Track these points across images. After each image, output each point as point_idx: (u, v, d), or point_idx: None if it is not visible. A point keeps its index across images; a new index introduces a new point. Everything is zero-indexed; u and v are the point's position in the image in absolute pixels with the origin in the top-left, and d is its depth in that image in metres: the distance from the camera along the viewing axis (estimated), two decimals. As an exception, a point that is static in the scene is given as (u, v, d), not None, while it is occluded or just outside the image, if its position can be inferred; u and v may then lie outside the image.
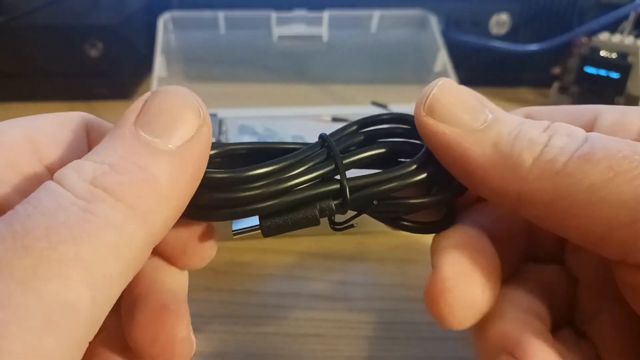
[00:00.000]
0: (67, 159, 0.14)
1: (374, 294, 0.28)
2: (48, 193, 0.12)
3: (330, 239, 0.32)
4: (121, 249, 0.11)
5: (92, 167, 0.12)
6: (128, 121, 0.13)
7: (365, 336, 0.25)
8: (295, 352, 0.24)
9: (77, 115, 0.16)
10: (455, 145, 0.15)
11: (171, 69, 0.45)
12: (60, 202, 0.11)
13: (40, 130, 0.14)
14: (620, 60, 0.44)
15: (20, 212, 0.11)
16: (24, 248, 0.10)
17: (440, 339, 0.25)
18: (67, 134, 0.15)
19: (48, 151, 0.14)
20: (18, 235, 0.10)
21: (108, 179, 0.12)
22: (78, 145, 0.15)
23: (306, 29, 0.49)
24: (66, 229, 0.11)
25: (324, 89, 0.51)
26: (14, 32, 0.48)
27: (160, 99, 0.13)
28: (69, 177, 0.12)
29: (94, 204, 0.11)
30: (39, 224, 0.11)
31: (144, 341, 0.14)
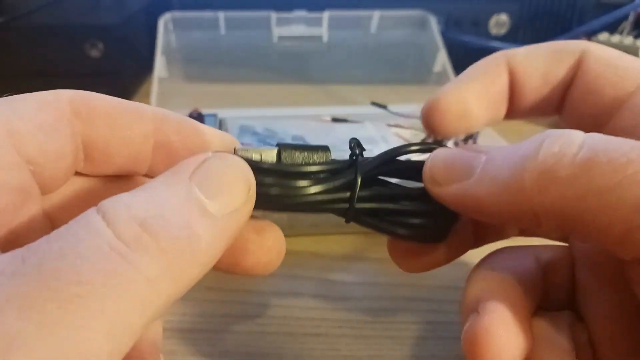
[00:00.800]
0: (46, 147, 0.14)
1: (374, 293, 0.28)
2: (88, 231, 0.11)
3: (330, 239, 0.32)
4: (148, 306, 0.11)
5: (144, 207, 0.11)
6: (184, 173, 0.13)
7: (365, 335, 0.25)
8: (296, 352, 0.24)
9: (58, 96, 0.14)
10: (464, 198, 0.15)
11: (172, 69, 0.45)
12: (100, 245, 0.10)
13: (19, 117, 0.13)
14: (619, 60, 0.44)
15: (54, 249, 0.10)
16: (53, 291, 0.10)
17: (440, 339, 0.25)
18: (46, 119, 0.14)
19: (26, 140, 0.13)
20: (48, 276, 0.10)
21: (157, 225, 0.11)
22: (59, 129, 0.14)
23: (306, 29, 0.49)
24: (100, 278, 0.10)
25: (324, 89, 0.51)
26: (14, 32, 0.48)
27: (220, 164, 0.13)
28: (117, 213, 0.11)
29: (136, 252, 0.11)
30: (72, 268, 0.10)
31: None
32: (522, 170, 0.13)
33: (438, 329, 0.26)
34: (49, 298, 0.10)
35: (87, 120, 0.14)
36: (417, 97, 0.45)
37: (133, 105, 0.15)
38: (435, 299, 0.28)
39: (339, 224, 0.32)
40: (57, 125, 0.14)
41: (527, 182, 0.13)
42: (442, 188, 0.16)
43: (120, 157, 0.15)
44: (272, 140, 0.36)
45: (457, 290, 0.28)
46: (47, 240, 0.11)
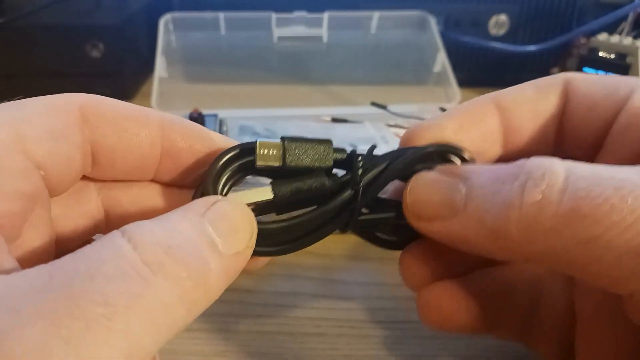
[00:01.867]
0: (55, 152, 0.14)
1: (373, 293, 0.28)
2: (113, 253, 0.11)
3: (330, 239, 0.32)
4: (162, 331, 0.11)
5: (166, 235, 0.12)
6: (198, 211, 0.13)
7: (365, 335, 0.25)
8: (296, 351, 0.24)
9: (70, 98, 0.15)
10: (451, 236, 0.15)
11: (172, 70, 0.46)
12: (125, 268, 0.11)
13: (28, 122, 0.13)
14: (619, 60, 0.44)
15: (81, 270, 0.11)
16: (81, 310, 0.10)
17: (439, 338, 0.25)
18: (55, 124, 0.14)
19: (36, 145, 0.13)
20: (77, 295, 0.10)
21: (179, 253, 0.12)
22: (68, 134, 0.14)
23: (306, 30, 0.49)
24: (124, 300, 0.11)
25: (324, 89, 0.51)
26: (15, 33, 0.48)
27: (230, 208, 0.14)
28: (143, 238, 0.12)
29: (158, 277, 0.11)
30: (99, 289, 0.10)
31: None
32: (507, 221, 0.13)
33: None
34: (77, 316, 0.10)
35: (96, 125, 0.15)
36: (416, 98, 0.45)
37: (141, 111, 0.15)
38: (435, 299, 0.28)
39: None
40: (67, 130, 0.14)
41: (514, 234, 0.13)
42: (426, 224, 0.16)
43: (127, 163, 0.15)
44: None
45: (457, 290, 0.28)
46: (72, 259, 0.11)
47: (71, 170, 0.14)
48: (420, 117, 0.40)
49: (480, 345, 0.25)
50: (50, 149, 0.14)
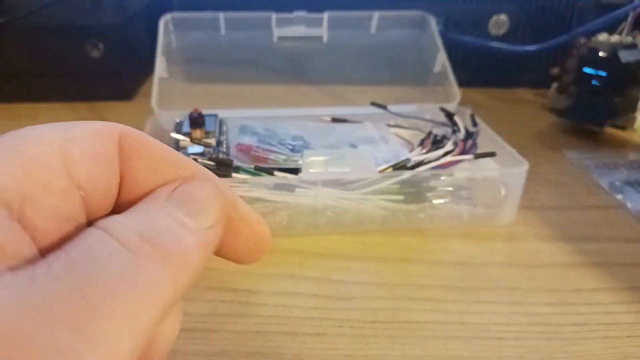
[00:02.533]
0: (97, 176, 0.14)
1: (373, 293, 0.28)
2: (98, 240, 0.12)
3: (330, 239, 0.32)
4: (155, 309, 0.11)
5: (137, 223, 0.12)
6: (162, 196, 0.14)
7: (365, 335, 0.25)
8: (296, 351, 0.24)
9: (113, 127, 0.15)
10: None
11: (172, 70, 0.46)
12: (111, 252, 0.11)
13: (74, 143, 0.13)
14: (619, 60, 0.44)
15: (76, 259, 0.11)
16: (86, 298, 0.10)
17: (439, 338, 0.25)
18: (100, 148, 0.14)
19: (79, 167, 0.13)
20: (79, 284, 0.10)
21: (153, 237, 0.12)
22: (110, 161, 0.14)
23: (306, 30, 0.49)
24: (121, 284, 0.11)
25: (324, 89, 0.51)
26: (15, 33, 0.48)
27: (192, 188, 0.14)
28: (117, 228, 0.12)
29: (142, 259, 0.12)
30: (99, 274, 0.11)
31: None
32: None
33: (437, 328, 0.26)
34: (85, 306, 0.10)
35: (129, 157, 0.14)
36: (416, 98, 0.45)
37: (177, 158, 0.15)
38: (436, 299, 0.28)
39: (338, 224, 0.33)
40: (108, 156, 0.14)
41: None
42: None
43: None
44: (272, 140, 0.36)
45: (458, 291, 0.28)
46: (63, 250, 0.11)
47: (109, 195, 0.14)
48: (420, 117, 0.40)
49: (480, 345, 0.25)
50: (92, 172, 0.14)
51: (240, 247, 0.16)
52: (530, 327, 0.26)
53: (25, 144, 0.13)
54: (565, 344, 0.25)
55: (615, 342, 0.25)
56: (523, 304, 0.27)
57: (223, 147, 0.35)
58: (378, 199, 0.32)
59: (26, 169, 0.12)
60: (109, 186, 0.14)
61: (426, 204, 0.33)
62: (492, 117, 0.41)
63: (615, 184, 0.38)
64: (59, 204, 0.13)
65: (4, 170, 0.12)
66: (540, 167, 0.40)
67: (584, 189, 0.38)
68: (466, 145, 0.34)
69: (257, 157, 0.35)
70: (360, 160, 0.32)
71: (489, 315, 0.27)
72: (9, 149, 0.12)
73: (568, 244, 0.32)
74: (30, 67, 0.50)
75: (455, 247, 0.32)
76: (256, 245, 0.16)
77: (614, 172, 0.39)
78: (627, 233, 0.33)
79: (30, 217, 0.12)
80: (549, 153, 0.43)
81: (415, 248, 0.32)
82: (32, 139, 0.13)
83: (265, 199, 0.31)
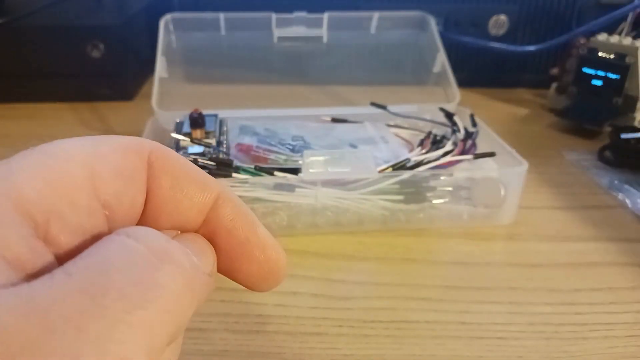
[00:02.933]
0: (122, 193, 0.14)
1: (373, 292, 0.28)
2: (119, 247, 0.11)
3: (330, 238, 0.32)
4: (173, 320, 0.11)
5: (160, 233, 0.13)
6: (170, 234, 0.14)
7: (364, 335, 0.25)
8: (296, 351, 0.24)
9: (143, 144, 0.14)
10: None
11: (172, 70, 0.46)
12: (133, 259, 0.11)
13: (102, 160, 0.13)
14: (618, 60, 0.44)
15: (94, 268, 0.11)
16: (102, 308, 0.10)
17: (439, 338, 0.25)
18: (127, 165, 0.14)
19: (105, 184, 0.13)
20: (95, 294, 0.10)
21: (180, 242, 0.13)
22: (137, 178, 0.14)
23: (306, 30, 0.49)
24: (138, 291, 0.11)
25: (324, 89, 0.51)
26: (16, 33, 0.48)
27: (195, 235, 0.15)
28: (141, 232, 0.12)
29: (167, 264, 0.11)
30: (115, 284, 0.10)
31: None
32: None
33: (437, 328, 0.26)
34: (100, 316, 0.10)
35: (157, 175, 0.14)
36: (416, 98, 0.45)
37: (202, 177, 0.15)
38: (435, 299, 0.28)
39: (338, 224, 0.33)
40: (135, 173, 0.14)
41: None
42: None
43: (168, 220, 0.15)
44: (272, 140, 0.36)
45: (457, 290, 0.28)
46: (81, 257, 0.11)
47: (134, 211, 0.14)
48: (420, 117, 0.40)
49: (480, 345, 0.25)
50: (118, 189, 0.13)
51: (254, 273, 0.16)
52: (530, 327, 0.26)
53: (53, 159, 0.12)
54: (564, 343, 0.25)
55: (615, 342, 0.25)
56: (523, 303, 0.27)
57: (223, 147, 0.35)
58: (378, 199, 0.32)
59: (53, 184, 0.12)
60: (134, 202, 0.14)
61: (426, 204, 0.33)
62: (492, 117, 0.41)
63: (614, 184, 0.38)
64: (83, 221, 0.12)
65: (32, 184, 0.12)
66: (540, 167, 0.40)
67: (583, 189, 0.38)
68: (466, 146, 0.34)
69: (257, 157, 0.35)
70: (360, 160, 0.32)
71: (489, 315, 0.27)
72: (37, 163, 0.12)
73: (568, 244, 0.32)
74: (30, 67, 0.50)
75: (455, 247, 0.32)
76: (270, 272, 0.16)
77: (613, 171, 0.39)
78: (627, 233, 0.33)
79: (55, 233, 0.12)
80: (549, 153, 0.43)
81: (415, 248, 0.32)
82: (60, 154, 0.13)
83: (265, 199, 0.31)
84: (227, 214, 0.15)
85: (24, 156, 0.12)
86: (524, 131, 0.47)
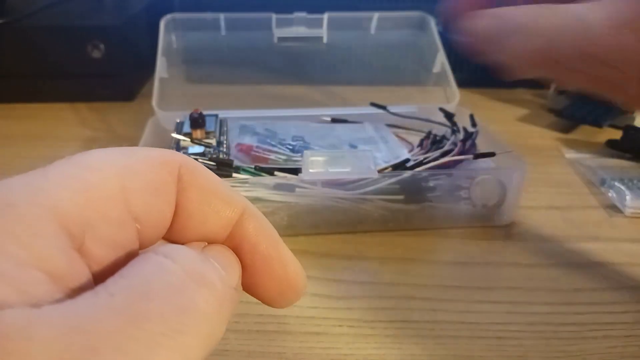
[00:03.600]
0: (153, 207, 0.14)
1: (373, 292, 0.28)
2: (158, 268, 0.12)
3: (330, 238, 0.32)
4: (207, 342, 0.12)
5: (195, 254, 0.13)
6: (197, 246, 0.14)
7: (364, 334, 0.25)
8: (296, 350, 0.25)
9: (174, 157, 0.14)
10: None
11: (173, 70, 0.46)
12: (171, 281, 0.11)
13: (134, 173, 0.13)
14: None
15: (135, 290, 0.11)
16: (143, 332, 0.10)
17: (439, 337, 0.25)
18: (158, 179, 0.14)
19: (137, 198, 0.13)
20: (137, 318, 0.10)
21: (215, 261, 0.13)
22: (167, 192, 0.14)
23: (306, 30, 0.49)
24: (175, 314, 0.11)
25: (324, 90, 0.51)
26: (16, 33, 0.48)
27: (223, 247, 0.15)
28: (178, 252, 0.12)
29: (202, 287, 0.12)
30: (156, 309, 0.11)
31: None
32: None
33: (436, 328, 0.26)
34: (141, 339, 0.10)
35: (185, 188, 0.14)
36: (416, 98, 0.46)
37: (229, 192, 0.15)
38: (435, 299, 0.28)
39: (339, 224, 0.33)
40: (166, 187, 0.14)
41: None
42: None
43: (194, 233, 0.15)
44: (272, 140, 0.36)
45: (457, 290, 0.28)
46: (122, 276, 0.11)
47: (162, 224, 0.14)
48: (420, 117, 0.40)
49: (480, 345, 0.25)
50: (149, 203, 0.14)
51: (274, 288, 0.16)
52: (530, 327, 0.26)
53: (88, 171, 0.13)
54: (564, 343, 0.25)
55: (615, 342, 0.25)
56: (522, 303, 0.27)
57: (223, 147, 0.35)
58: (378, 199, 0.32)
59: (89, 197, 0.12)
60: (163, 216, 0.14)
61: (426, 204, 0.33)
62: (492, 117, 0.41)
63: (614, 184, 0.38)
64: (115, 234, 0.13)
65: (69, 196, 0.12)
66: (540, 167, 0.40)
67: (583, 189, 0.38)
68: (465, 146, 0.34)
69: (257, 157, 0.35)
70: (360, 160, 0.32)
71: (489, 314, 0.27)
72: (74, 176, 0.12)
73: (567, 243, 0.32)
74: (31, 67, 0.50)
75: (454, 246, 0.32)
76: (289, 289, 0.16)
77: (613, 171, 0.39)
78: (627, 233, 0.33)
79: (89, 245, 0.12)
80: (549, 153, 0.43)
81: (414, 248, 0.32)
82: (94, 166, 0.13)
83: (266, 199, 0.31)
84: (252, 229, 0.15)
85: (59, 167, 0.12)
86: (524, 131, 0.47)
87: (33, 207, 0.11)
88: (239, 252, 0.15)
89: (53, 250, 0.11)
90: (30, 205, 0.11)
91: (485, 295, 0.28)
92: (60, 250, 0.11)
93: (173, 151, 0.15)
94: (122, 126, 0.47)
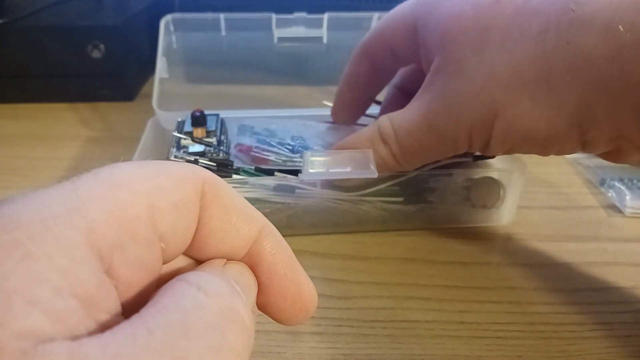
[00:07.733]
0: (177, 226, 0.13)
1: (373, 292, 0.28)
2: (193, 304, 0.12)
3: (330, 238, 0.32)
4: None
5: (224, 282, 0.13)
6: (218, 265, 0.14)
7: (364, 334, 0.25)
8: (296, 350, 0.25)
9: (198, 174, 0.14)
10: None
11: (173, 70, 0.46)
12: (208, 320, 0.11)
13: (160, 192, 0.13)
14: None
15: (173, 328, 0.11)
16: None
17: (438, 337, 0.25)
18: (183, 197, 0.14)
19: (163, 217, 0.13)
20: (175, 357, 0.11)
21: (243, 295, 0.13)
22: (191, 209, 0.14)
23: (306, 30, 0.49)
24: (211, 355, 0.11)
25: (324, 90, 0.51)
26: (17, 33, 0.48)
27: (243, 267, 0.15)
28: (211, 285, 0.12)
29: (234, 325, 0.12)
30: (194, 348, 0.11)
31: None
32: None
33: (436, 328, 0.26)
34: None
35: (208, 205, 0.14)
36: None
37: (248, 209, 0.15)
38: (435, 299, 0.28)
39: (338, 224, 0.33)
40: (190, 205, 0.14)
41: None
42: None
43: (214, 250, 0.15)
44: (271, 141, 0.36)
45: (457, 290, 0.28)
46: (159, 311, 0.11)
47: (184, 241, 0.14)
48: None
49: (480, 345, 0.25)
50: (174, 221, 0.13)
51: (286, 308, 0.16)
52: (529, 327, 0.26)
53: (119, 189, 0.12)
54: (563, 343, 0.25)
55: (615, 341, 0.25)
56: (522, 303, 0.27)
57: (224, 146, 0.35)
58: (377, 199, 0.32)
59: (119, 217, 0.12)
60: (186, 233, 0.14)
61: (425, 205, 0.33)
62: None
63: (614, 184, 0.38)
64: (142, 254, 0.12)
65: (101, 217, 0.12)
66: (540, 167, 0.40)
67: (583, 189, 0.38)
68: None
69: (257, 158, 0.35)
70: (360, 160, 0.32)
71: (488, 314, 0.27)
72: (106, 194, 0.12)
73: (567, 243, 0.32)
74: (31, 67, 0.50)
75: (454, 246, 0.32)
76: (302, 310, 0.16)
77: (612, 171, 0.39)
78: (626, 233, 0.33)
79: (117, 266, 0.12)
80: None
81: (414, 248, 0.32)
82: (125, 184, 0.12)
83: (266, 200, 0.31)
84: (269, 247, 0.15)
85: (89, 182, 0.12)
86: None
87: (69, 229, 0.11)
88: (255, 271, 0.15)
89: (86, 275, 0.11)
90: (66, 227, 0.11)
91: (485, 295, 0.28)
92: (92, 274, 0.11)
93: (197, 166, 0.15)
94: (122, 126, 0.47)
